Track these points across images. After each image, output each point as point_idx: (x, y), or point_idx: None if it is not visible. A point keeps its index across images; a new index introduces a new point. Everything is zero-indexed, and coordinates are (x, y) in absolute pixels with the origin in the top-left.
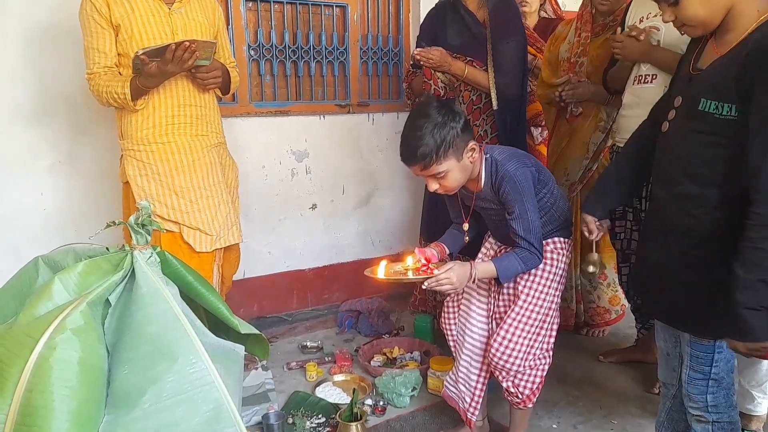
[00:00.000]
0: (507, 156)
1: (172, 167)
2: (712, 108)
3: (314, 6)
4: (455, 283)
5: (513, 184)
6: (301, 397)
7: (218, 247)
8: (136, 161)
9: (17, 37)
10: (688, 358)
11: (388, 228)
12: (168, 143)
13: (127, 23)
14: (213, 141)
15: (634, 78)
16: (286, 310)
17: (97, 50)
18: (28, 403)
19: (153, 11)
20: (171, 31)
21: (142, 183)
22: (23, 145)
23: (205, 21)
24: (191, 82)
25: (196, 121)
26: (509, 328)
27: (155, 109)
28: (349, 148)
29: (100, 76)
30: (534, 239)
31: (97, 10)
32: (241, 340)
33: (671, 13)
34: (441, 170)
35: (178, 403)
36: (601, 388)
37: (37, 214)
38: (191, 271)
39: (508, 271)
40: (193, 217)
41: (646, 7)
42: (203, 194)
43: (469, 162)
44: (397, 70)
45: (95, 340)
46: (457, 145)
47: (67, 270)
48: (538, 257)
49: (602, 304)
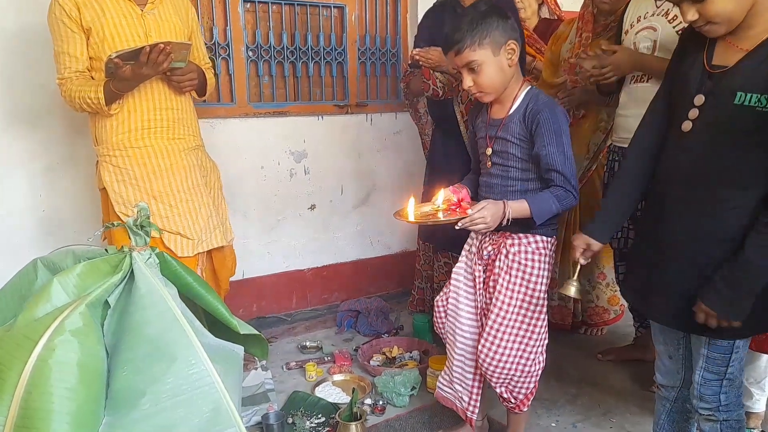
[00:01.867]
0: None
1: (149, 172)
2: (753, 101)
3: (312, 7)
4: (489, 222)
5: (554, 116)
6: (301, 397)
7: (200, 251)
8: (112, 167)
9: (12, 38)
10: (704, 360)
11: (386, 228)
12: (144, 147)
13: (98, 26)
14: (191, 144)
15: (630, 77)
16: (285, 310)
17: (68, 54)
18: (27, 405)
19: (125, 13)
20: (144, 33)
21: (119, 189)
22: (20, 146)
23: (179, 22)
24: (166, 85)
25: (173, 125)
26: (496, 333)
27: (130, 113)
28: (347, 149)
29: (72, 81)
30: (570, 174)
31: (66, 14)
32: (240, 340)
33: (695, 11)
34: (474, 59)
35: (177, 404)
36: (599, 386)
37: (35, 215)
38: (190, 272)
39: (542, 210)
40: (172, 221)
41: (644, 6)
42: (182, 198)
43: (506, 63)
44: (395, 71)
45: (94, 341)
46: (495, 38)
47: (66, 272)
48: (574, 196)
49: (601, 303)
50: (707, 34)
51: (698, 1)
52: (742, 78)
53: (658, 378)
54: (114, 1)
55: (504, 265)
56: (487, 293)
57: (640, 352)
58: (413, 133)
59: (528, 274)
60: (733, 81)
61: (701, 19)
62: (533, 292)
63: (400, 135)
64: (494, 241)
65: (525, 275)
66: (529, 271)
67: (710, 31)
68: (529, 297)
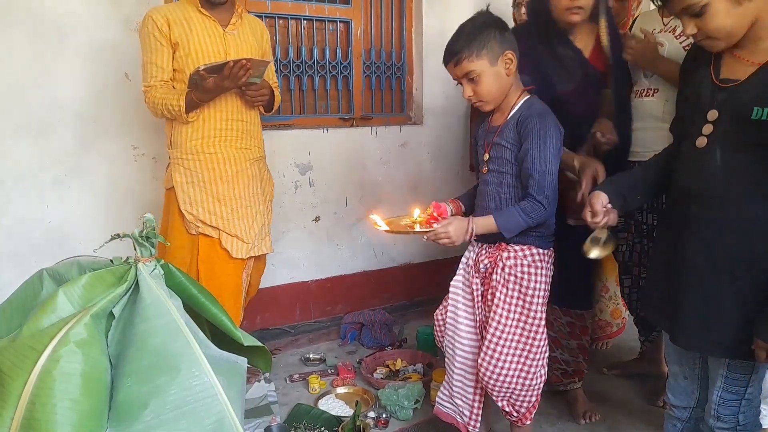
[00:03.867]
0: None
1: (217, 176)
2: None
3: (318, 21)
4: (452, 237)
5: (542, 122)
6: (304, 409)
7: (252, 255)
8: (184, 169)
9: (24, 50)
10: (722, 380)
11: (391, 240)
12: (215, 153)
13: (185, 42)
14: (255, 155)
15: (635, 91)
16: (289, 322)
17: (155, 65)
18: (30, 416)
19: (209, 32)
20: (224, 50)
21: (187, 189)
22: (29, 158)
23: (255, 43)
24: (240, 99)
25: (242, 135)
26: (496, 347)
27: (205, 121)
28: (352, 161)
29: (157, 89)
30: (546, 182)
31: (158, 29)
32: (244, 352)
33: (694, 25)
34: (472, 69)
35: (180, 416)
36: (604, 400)
37: (42, 226)
38: (195, 283)
39: (509, 224)
40: (232, 224)
41: (652, 23)
42: (243, 204)
43: (504, 72)
44: (400, 84)
45: (99, 352)
46: (493, 49)
47: (72, 282)
48: (545, 208)
49: (604, 317)
50: (708, 49)
51: (697, 16)
52: (756, 92)
53: (670, 398)
54: (200, 20)
55: (501, 278)
56: (486, 306)
57: (646, 366)
58: (418, 145)
59: (525, 286)
60: (748, 95)
61: (700, 34)
62: (531, 304)
63: (405, 148)
64: (490, 254)
65: (522, 287)
66: (526, 283)
67: (710, 46)
68: (527, 309)
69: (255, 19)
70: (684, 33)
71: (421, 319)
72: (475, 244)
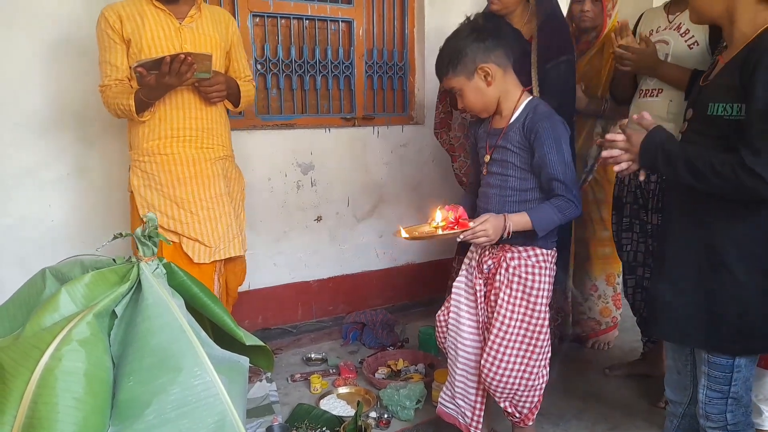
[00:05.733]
0: (552, 110)
1: (174, 178)
2: (720, 110)
3: (320, 21)
4: (491, 234)
5: (552, 124)
6: (305, 409)
7: (217, 259)
8: (141, 171)
9: (26, 50)
10: (705, 378)
11: (392, 240)
12: (171, 155)
13: (137, 37)
14: (219, 153)
15: (640, 91)
16: (290, 321)
17: (109, 63)
18: (33, 415)
19: (162, 26)
20: (180, 45)
21: (144, 193)
22: (32, 157)
23: (217, 35)
24: (197, 95)
25: (202, 134)
26: (499, 348)
27: (161, 121)
28: (354, 161)
29: (111, 88)
30: (571, 183)
31: (110, 26)
32: (246, 351)
33: None
34: (453, 86)
35: (182, 415)
36: (606, 401)
37: (45, 225)
38: (197, 282)
39: (543, 222)
40: (192, 228)
41: (656, 21)
42: (204, 206)
43: (483, 85)
44: (402, 84)
45: (101, 351)
46: (466, 64)
47: (74, 281)
48: (576, 206)
49: (593, 315)
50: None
51: None
52: (713, 89)
53: (668, 392)
54: (154, 13)
55: (504, 278)
56: (489, 307)
57: (648, 368)
58: (420, 145)
59: (529, 287)
60: (708, 93)
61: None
62: (534, 305)
63: (407, 147)
64: (494, 255)
65: (526, 288)
66: (530, 284)
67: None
68: (530, 311)
69: (220, 10)
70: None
71: (422, 319)
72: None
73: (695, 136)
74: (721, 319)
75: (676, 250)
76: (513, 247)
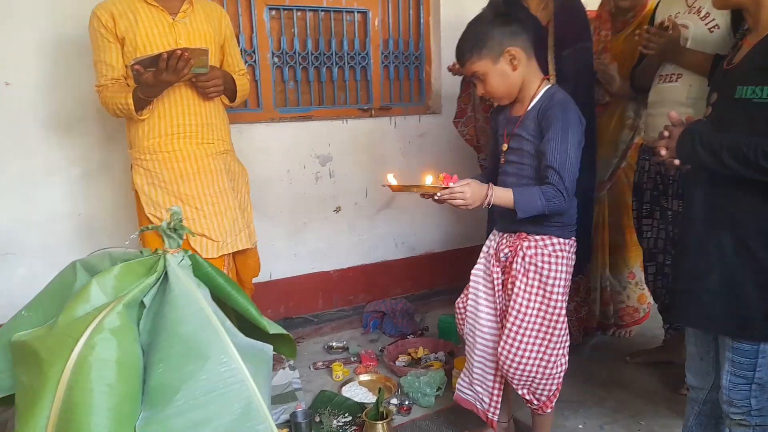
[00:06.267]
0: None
1: (177, 175)
2: (749, 93)
3: (336, 12)
4: (468, 199)
5: (564, 112)
6: (328, 396)
7: (225, 253)
8: (143, 170)
9: (52, 49)
10: (730, 364)
11: (411, 230)
12: (173, 152)
13: (131, 35)
14: (219, 148)
15: (659, 76)
16: (312, 311)
17: (105, 63)
18: (69, 400)
19: (156, 22)
20: (174, 41)
21: (149, 191)
22: (59, 153)
23: (211, 30)
24: (194, 91)
25: (202, 130)
26: (516, 335)
27: (160, 118)
28: (371, 152)
29: (108, 88)
30: (566, 175)
31: (103, 25)
32: (269, 340)
33: None
34: (476, 70)
35: (210, 401)
36: (628, 388)
37: (72, 219)
38: (221, 273)
39: (527, 205)
40: (198, 223)
41: (675, 6)
42: (208, 201)
43: (509, 69)
44: (418, 74)
45: (131, 339)
46: (493, 48)
47: (104, 273)
48: (564, 199)
49: (631, 303)
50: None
51: None
52: (741, 72)
53: (689, 378)
54: (146, 10)
55: (521, 267)
56: (506, 295)
57: (670, 355)
58: (437, 135)
59: (545, 276)
60: (735, 76)
61: None
62: (551, 294)
63: (424, 138)
64: (511, 243)
65: (542, 277)
66: (546, 273)
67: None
68: (547, 299)
69: (212, 4)
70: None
71: (442, 307)
72: (496, 233)
73: (721, 120)
74: (746, 304)
75: (698, 236)
76: (530, 236)
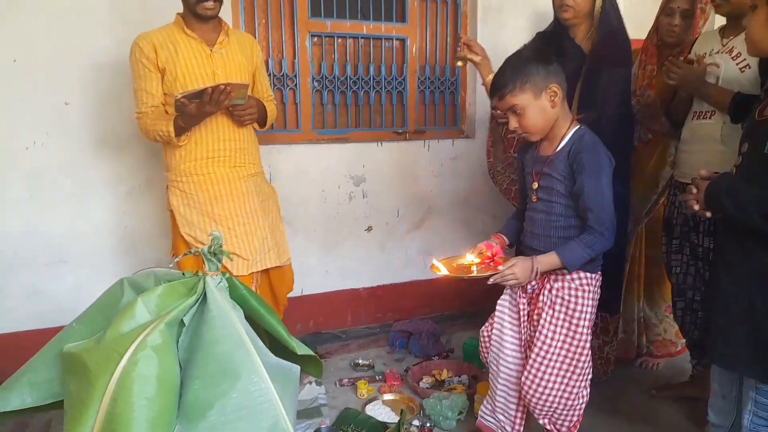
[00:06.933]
0: (598, 140)
1: (211, 197)
2: None
3: (375, 39)
4: (519, 277)
5: (596, 155)
6: (352, 414)
7: (254, 270)
8: (179, 191)
9: (105, 71)
10: (753, 404)
11: (440, 251)
12: (208, 174)
13: (171, 66)
14: (250, 171)
15: (693, 113)
16: (340, 326)
17: (146, 91)
18: (112, 411)
19: (195, 53)
20: (212, 71)
21: (184, 211)
22: (108, 171)
23: (244, 60)
24: (229, 119)
25: (235, 154)
26: (540, 366)
27: (197, 144)
28: (404, 174)
29: (148, 115)
30: (604, 214)
31: (145, 55)
32: (297, 359)
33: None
34: (516, 103)
35: (240, 418)
36: (652, 423)
37: (118, 233)
38: (255, 296)
39: (574, 259)
40: (230, 243)
41: (710, 44)
42: (240, 221)
43: (549, 105)
44: (453, 99)
45: (171, 357)
46: (536, 83)
47: (149, 292)
48: (608, 239)
49: (669, 336)
50: None
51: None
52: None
53: (710, 416)
54: (186, 42)
55: (548, 300)
56: (531, 326)
57: (697, 390)
58: (469, 159)
59: (572, 309)
60: (766, 129)
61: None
62: (576, 327)
63: (457, 161)
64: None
65: (569, 311)
66: (572, 306)
67: None
68: (572, 332)
69: (244, 34)
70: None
71: (468, 330)
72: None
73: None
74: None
75: (730, 277)
76: (557, 269)
